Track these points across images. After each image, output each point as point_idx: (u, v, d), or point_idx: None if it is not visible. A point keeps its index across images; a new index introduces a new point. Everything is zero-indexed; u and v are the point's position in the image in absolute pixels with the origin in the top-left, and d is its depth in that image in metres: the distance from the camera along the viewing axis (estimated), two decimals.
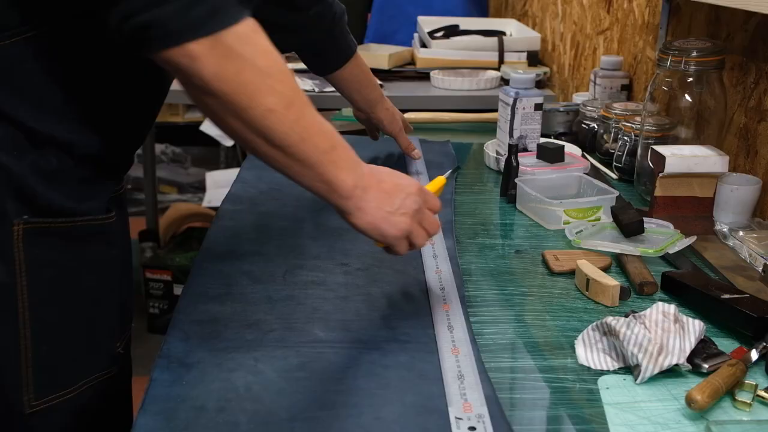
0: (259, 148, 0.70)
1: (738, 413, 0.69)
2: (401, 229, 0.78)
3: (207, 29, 0.64)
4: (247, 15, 0.67)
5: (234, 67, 0.65)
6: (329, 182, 0.74)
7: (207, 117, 0.72)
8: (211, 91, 0.66)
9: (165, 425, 0.65)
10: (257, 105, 0.67)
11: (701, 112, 1.20)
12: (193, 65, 0.64)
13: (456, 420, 0.66)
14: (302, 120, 0.70)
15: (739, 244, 1.03)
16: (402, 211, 0.78)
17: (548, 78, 2.16)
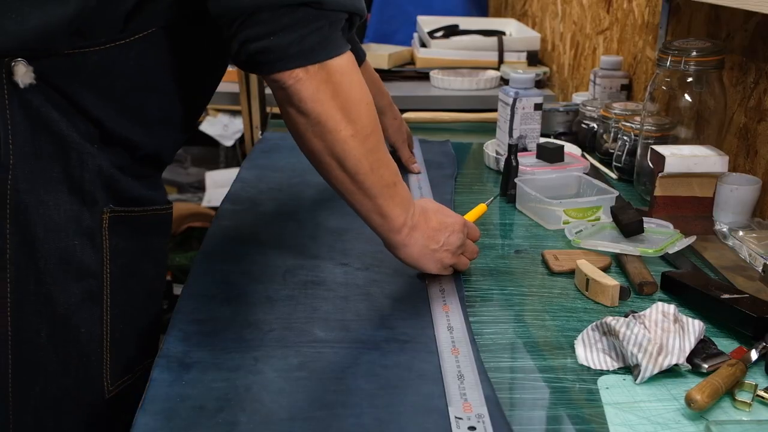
0: (330, 170, 0.79)
1: (738, 413, 0.69)
2: (443, 265, 0.89)
3: (316, 58, 0.73)
4: (348, 48, 0.76)
5: (330, 93, 0.75)
6: (384, 215, 0.82)
7: (292, 132, 0.80)
8: (306, 111, 0.75)
9: (165, 425, 0.65)
10: (341, 129, 0.76)
11: (701, 112, 1.20)
12: (296, 86, 0.74)
13: (456, 420, 0.66)
14: (375, 152, 0.79)
15: (738, 244, 1.03)
16: (445, 248, 0.88)
17: (548, 78, 2.16)
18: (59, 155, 0.76)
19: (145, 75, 0.81)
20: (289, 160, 1.38)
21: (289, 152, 1.43)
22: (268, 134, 1.58)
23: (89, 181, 0.78)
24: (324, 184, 1.25)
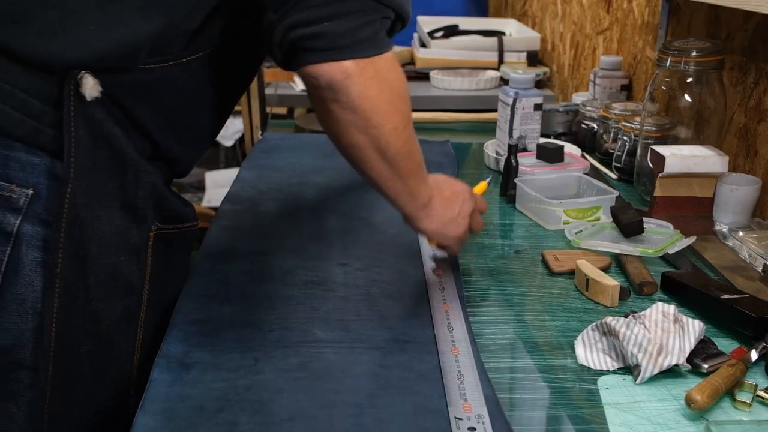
0: (369, 161, 0.78)
1: (738, 413, 0.69)
2: (461, 231, 0.90)
3: (368, 52, 0.71)
4: (392, 47, 0.75)
5: (377, 89, 0.73)
6: (413, 194, 0.83)
7: (331, 127, 0.77)
8: (353, 107, 0.72)
9: (165, 425, 0.65)
10: (387, 123, 0.75)
11: (701, 112, 1.20)
12: (345, 81, 0.71)
13: (456, 420, 0.66)
14: (411, 138, 0.80)
15: (738, 244, 1.03)
16: (462, 215, 0.89)
17: (548, 78, 2.16)
18: (117, 171, 0.76)
19: (197, 92, 0.82)
20: (289, 160, 1.38)
21: (289, 152, 1.43)
22: (268, 134, 1.58)
23: (142, 198, 0.79)
24: (324, 184, 1.26)
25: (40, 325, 0.73)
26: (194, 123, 0.85)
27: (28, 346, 0.74)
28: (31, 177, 0.72)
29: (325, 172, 1.32)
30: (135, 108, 0.76)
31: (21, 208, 0.72)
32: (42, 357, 0.73)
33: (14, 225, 0.72)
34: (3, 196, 0.72)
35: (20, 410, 0.75)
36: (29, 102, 0.72)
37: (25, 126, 0.72)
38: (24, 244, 0.72)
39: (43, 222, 0.73)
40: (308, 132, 1.63)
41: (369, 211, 1.16)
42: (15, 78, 0.71)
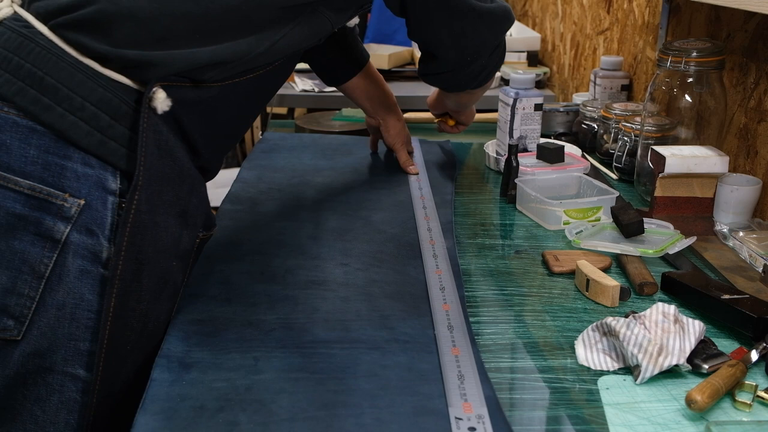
0: None
1: (738, 414, 0.69)
2: None
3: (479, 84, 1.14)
4: None
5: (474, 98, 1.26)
6: None
7: None
8: None
9: (165, 425, 0.65)
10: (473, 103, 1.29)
11: (701, 113, 1.20)
12: None
13: (456, 420, 0.66)
14: None
15: (739, 244, 1.03)
16: None
17: (548, 78, 2.16)
18: (176, 180, 0.81)
19: (242, 107, 0.91)
20: (289, 160, 1.38)
21: (289, 152, 1.43)
22: (268, 134, 1.58)
23: (194, 206, 0.85)
24: (324, 184, 1.26)
25: (73, 332, 0.75)
26: (231, 134, 0.93)
27: (60, 352, 0.75)
28: (84, 188, 0.75)
29: (325, 172, 1.32)
30: (192, 121, 0.82)
31: (72, 217, 0.75)
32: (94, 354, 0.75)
33: (64, 233, 0.74)
34: (56, 204, 0.74)
35: (46, 414, 0.76)
36: (98, 115, 0.75)
37: (92, 138, 0.75)
38: (71, 252, 0.75)
39: (90, 232, 0.75)
40: (308, 132, 1.63)
41: (369, 211, 1.15)
42: (87, 91, 0.75)
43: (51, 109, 0.74)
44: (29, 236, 0.74)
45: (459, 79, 1.11)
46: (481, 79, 1.12)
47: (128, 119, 0.77)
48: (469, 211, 1.19)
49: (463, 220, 1.15)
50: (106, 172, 0.76)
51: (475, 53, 1.06)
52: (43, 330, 0.74)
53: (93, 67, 0.76)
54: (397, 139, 1.35)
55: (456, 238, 1.07)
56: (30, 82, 0.74)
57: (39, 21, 0.76)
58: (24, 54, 0.75)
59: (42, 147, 0.74)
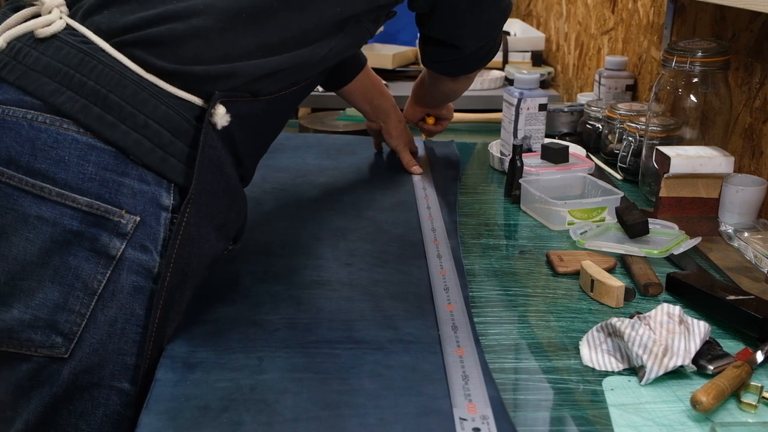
0: None
1: (743, 415, 0.69)
2: None
3: None
4: None
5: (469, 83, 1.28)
6: None
7: None
8: None
9: (169, 425, 0.65)
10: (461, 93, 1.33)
11: (706, 113, 1.20)
12: None
13: (460, 421, 0.66)
14: None
15: (744, 245, 1.03)
16: None
17: (552, 78, 2.16)
18: (221, 194, 0.81)
19: (281, 119, 0.93)
20: (293, 160, 1.38)
21: (293, 152, 1.43)
22: None
23: (233, 220, 0.86)
24: (327, 184, 1.26)
25: (122, 347, 0.76)
26: (267, 144, 0.94)
27: (108, 367, 0.76)
28: (140, 204, 0.76)
29: (329, 172, 1.32)
30: (242, 134, 0.82)
31: (127, 233, 0.75)
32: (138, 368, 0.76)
33: (119, 249, 0.75)
34: (112, 220, 0.74)
35: (90, 428, 0.76)
36: (161, 132, 0.76)
37: (155, 155, 0.76)
38: (125, 269, 0.75)
39: (144, 248, 0.76)
40: (312, 132, 1.63)
41: (373, 211, 1.15)
42: (151, 109, 0.76)
43: (115, 126, 0.74)
44: (84, 252, 0.74)
45: (468, 62, 1.15)
46: (487, 60, 1.17)
47: (188, 135, 0.77)
48: (473, 212, 1.19)
49: (468, 220, 1.15)
50: (161, 188, 0.77)
51: (490, 36, 1.11)
52: (94, 346, 0.75)
53: (157, 84, 0.76)
54: (400, 141, 1.35)
55: (460, 238, 1.07)
56: (94, 99, 0.74)
57: (100, 37, 0.76)
58: (86, 71, 0.74)
59: (100, 164, 0.74)
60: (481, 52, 1.14)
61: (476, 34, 1.10)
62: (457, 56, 1.13)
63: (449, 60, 1.15)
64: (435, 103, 1.38)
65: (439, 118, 1.43)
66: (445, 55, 1.14)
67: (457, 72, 1.20)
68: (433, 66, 1.19)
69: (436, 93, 1.33)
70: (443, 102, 1.38)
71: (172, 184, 0.78)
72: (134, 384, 0.77)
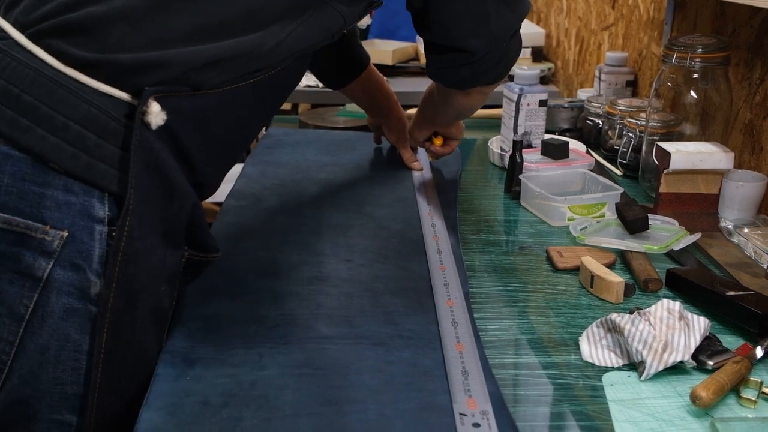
0: None
1: (743, 410, 0.69)
2: None
3: None
4: None
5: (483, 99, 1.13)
6: None
7: None
8: None
9: (169, 420, 0.65)
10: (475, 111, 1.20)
11: (706, 109, 1.20)
12: None
13: (460, 416, 0.66)
14: None
15: (744, 240, 1.03)
16: None
17: (553, 74, 2.15)
18: (163, 200, 0.73)
19: (248, 116, 0.83)
20: (293, 156, 1.38)
21: (292, 148, 1.43)
22: (272, 130, 1.58)
23: (180, 225, 0.77)
24: (327, 180, 1.26)
25: (59, 376, 0.69)
26: (232, 147, 0.84)
27: (45, 399, 0.69)
28: (67, 218, 0.67)
29: (329, 168, 1.32)
30: (188, 134, 0.74)
31: (54, 251, 0.67)
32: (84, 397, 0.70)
33: (45, 269, 0.67)
34: (35, 238, 0.66)
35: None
36: (84, 135, 0.68)
37: (78, 161, 0.67)
38: (54, 291, 0.68)
39: (75, 267, 0.68)
40: (312, 128, 1.62)
41: (373, 207, 1.15)
42: (70, 109, 0.67)
43: (30, 130, 0.66)
44: (8, 274, 0.66)
45: (478, 69, 0.99)
46: (500, 70, 1.02)
47: (118, 137, 0.68)
48: (473, 208, 1.19)
49: (468, 216, 1.15)
50: (92, 198, 0.68)
51: (499, 36, 0.96)
52: (25, 377, 0.68)
53: (77, 78, 0.68)
54: (400, 137, 1.33)
55: (460, 234, 1.07)
56: (5, 100, 0.66)
57: (17, 30, 0.68)
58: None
59: (17, 174, 0.66)
60: (493, 58, 0.98)
61: (480, 32, 0.95)
62: (464, 62, 0.98)
63: (456, 67, 0.99)
64: (445, 121, 1.24)
65: (448, 138, 1.29)
66: (451, 61, 0.99)
67: (468, 83, 1.03)
68: (441, 77, 1.04)
69: (446, 110, 1.17)
70: (454, 120, 1.24)
71: (106, 194, 0.69)
72: (80, 415, 0.70)
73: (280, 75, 0.81)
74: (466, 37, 0.95)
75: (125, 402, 0.73)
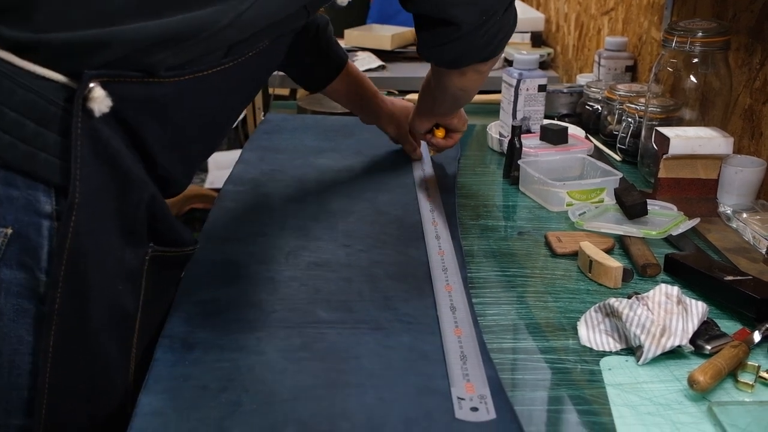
0: None
1: (740, 394, 0.69)
2: None
3: None
4: None
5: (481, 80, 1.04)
6: None
7: None
8: None
9: (168, 404, 0.66)
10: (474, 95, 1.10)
11: (706, 94, 1.19)
12: None
13: (458, 400, 0.66)
14: None
15: (742, 226, 1.03)
16: None
17: (552, 59, 2.14)
18: (118, 193, 0.69)
19: (215, 107, 0.77)
20: (291, 141, 1.38)
21: (291, 134, 1.43)
22: (270, 116, 1.57)
23: (140, 220, 0.72)
24: (326, 165, 1.26)
25: (14, 381, 0.66)
26: (199, 140, 0.79)
27: (2, 404, 0.66)
28: (9, 214, 0.63)
29: (328, 154, 1.32)
30: (143, 123, 0.69)
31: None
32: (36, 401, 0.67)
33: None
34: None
35: None
36: (21, 122, 0.63)
37: (16, 151, 0.63)
38: (2, 292, 0.64)
39: (22, 266, 0.65)
40: (310, 113, 1.62)
41: (372, 192, 1.15)
42: (5, 95, 0.63)
43: None
44: None
45: (471, 44, 0.92)
46: (494, 45, 0.94)
47: (59, 124, 0.64)
48: (472, 193, 1.19)
49: (466, 201, 1.15)
50: (36, 191, 0.64)
51: (484, 10, 0.88)
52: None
53: (11, 61, 0.63)
54: (399, 132, 1.29)
55: (459, 220, 1.07)
56: None
57: None
58: None
59: None
60: (485, 31, 0.91)
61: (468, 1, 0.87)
62: (453, 36, 0.90)
63: (446, 44, 0.92)
64: (444, 109, 1.15)
65: (450, 129, 1.22)
66: (441, 36, 0.91)
67: (461, 60, 0.96)
68: (432, 54, 0.97)
69: (443, 95, 1.09)
70: (453, 107, 1.16)
71: (52, 187, 0.65)
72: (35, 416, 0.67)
73: (252, 61, 0.75)
74: (451, 5, 0.87)
75: (81, 403, 0.70)
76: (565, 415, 0.67)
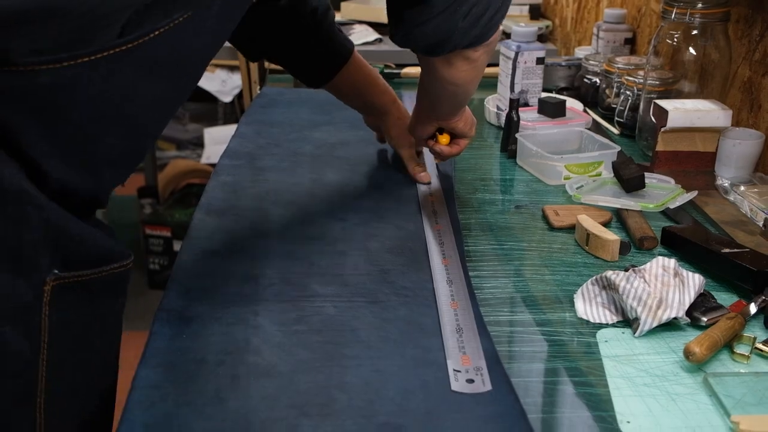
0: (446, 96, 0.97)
1: (736, 366, 0.70)
2: None
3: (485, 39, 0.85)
4: None
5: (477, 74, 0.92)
6: None
7: None
8: None
9: (165, 377, 0.66)
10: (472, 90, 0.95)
11: (705, 66, 1.19)
12: None
13: (454, 372, 0.67)
14: None
15: (740, 198, 1.03)
16: None
17: (550, 32, 2.13)
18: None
19: (111, 101, 0.61)
20: (287, 115, 1.37)
21: (287, 107, 1.42)
22: (266, 89, 1.56)
23: (29, 242, 0.59)
24: (321, 139, 1.25)
25: None
26: (110, 141, 0.63)
27: None
28: None
29: (324, 127, 1.31)
30: (21, 124, 0.57)
31: None
32: None
33: None
34: None
35: None
36: None
37: None
38: None
39: None
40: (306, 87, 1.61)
41: (368, 166, 1.15)
42: None
43: None
44: None
45: (449, 26, 0.79)
46: (481, 28, 0.82)
47: None
48: (469, 166, 1.18)
49: (463, 175, 1.15)
50: None
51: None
52: None
53: None
54: (401, 141, 1.11)
55: (456, 193, 1.06)
56: None
57: None
58: None
59: None
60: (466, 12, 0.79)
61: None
62: (425, 16, 0.79)
63: (424, 21, 0.79)
64: (443, 109, 1.00)
65: (456, 135, 1.05)
66: (412, 18, 0.80)
67: (442, 45, 0.83)
68: (408, 38, 0.84)
69: (436, 90, 0.95)
70: (453, 106, 0.99)
71: None
72: None
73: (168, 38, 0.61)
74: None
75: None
76: (561, 387, 0.67)
